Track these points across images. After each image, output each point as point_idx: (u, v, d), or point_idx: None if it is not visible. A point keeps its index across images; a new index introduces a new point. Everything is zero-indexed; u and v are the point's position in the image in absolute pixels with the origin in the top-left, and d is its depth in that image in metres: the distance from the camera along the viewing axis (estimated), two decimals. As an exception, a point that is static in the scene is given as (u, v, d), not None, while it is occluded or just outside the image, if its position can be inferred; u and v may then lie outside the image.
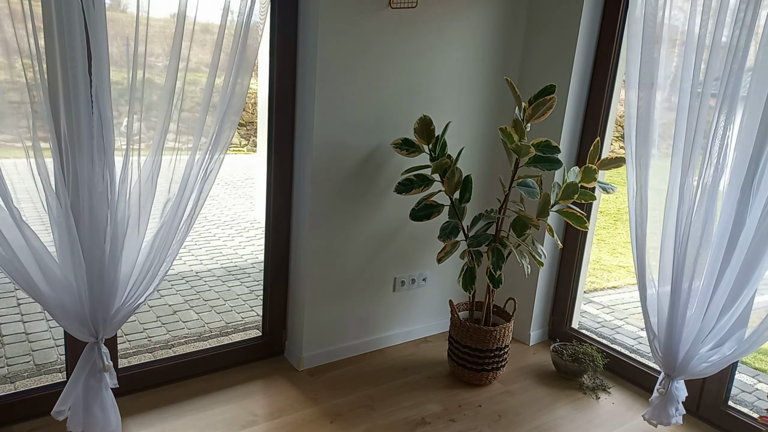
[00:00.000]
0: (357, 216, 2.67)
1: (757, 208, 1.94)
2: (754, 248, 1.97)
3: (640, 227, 2.15)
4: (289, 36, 2.43)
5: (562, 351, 2.84)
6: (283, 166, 2.57)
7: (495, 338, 2.62)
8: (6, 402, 2.14)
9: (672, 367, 2.15)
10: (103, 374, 1.89)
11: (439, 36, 2.65)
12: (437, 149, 2.55)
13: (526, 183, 2.50)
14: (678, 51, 2.06)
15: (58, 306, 1.82)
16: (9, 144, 1.68)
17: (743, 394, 3.18)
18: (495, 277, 2.51)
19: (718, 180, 1.95)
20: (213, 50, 1.85)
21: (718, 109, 1.91)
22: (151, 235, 1.92)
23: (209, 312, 3.61)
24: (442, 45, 2.68)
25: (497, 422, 2.42)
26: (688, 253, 2.03)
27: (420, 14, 2.56)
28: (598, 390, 2.72)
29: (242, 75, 1.91)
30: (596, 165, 2.50)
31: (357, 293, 2.80)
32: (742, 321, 2.14)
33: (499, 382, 2.74)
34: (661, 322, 2.16)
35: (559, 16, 2.78)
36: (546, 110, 2.43)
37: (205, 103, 1.89)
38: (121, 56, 1.75)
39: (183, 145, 1.90)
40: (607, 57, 2.77)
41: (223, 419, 2.28)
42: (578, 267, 3.04)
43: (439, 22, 2.63)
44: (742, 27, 1.84)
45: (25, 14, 1.56)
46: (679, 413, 2.19)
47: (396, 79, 2.60)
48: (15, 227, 1.68)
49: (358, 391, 2.56)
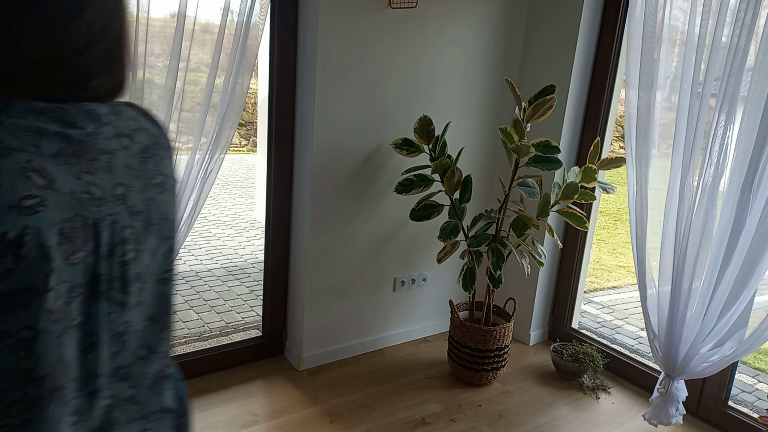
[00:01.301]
0: (357, 216, 2.67)
1: (757, 208, 1.94)
2: (754, 248, 1.97)
3: (640, 227, 2.15)
4: (289, 36, 2.44)
5: (562, 351, 2.84)
6: (283, 166, 2.58)
7: (495, 338, 2.62)
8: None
9: (672, 367, 2.15)
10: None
11: (439, 36, 2.65)
12: (437, 149, 2.55)
13: (526, 183, 2.50)
14: (678, 51, 2.06)
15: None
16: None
17: (743, 394, 3.18)
18: (495, 277, 2.51)
19: (718, 180, 1.95)
20: (213, 50, 1.86)
21: (718, 109, 1.91)
22: (151, 235, 1.92)
23: (209, 312, 3.61)
24: (442, 45, 2.68)
25: (497, 422, 2.42)
26: (688, 253, 2.03)
27: (420, 14, 2.56)
28: (598, 390, 2.72)
29: (242, 75, 1.92)
30: (596, 165, 2.50)
31: (357, 293, 2.80)
32: (742, 321, 2.14)
33: (499, 382, 2.74)
34: (661, 322, 2.16)
35: (559, 16, 2.78)
36: (546, 110, 2.43)
37: (205, 103, 1.89)
38: (121, 56, 1.75)
39: (183, 145, 1.90)
40: (607, 57, 2.77)
41: (223, 419, 2.28)
42: (578, 267, 3.04)
43: (439, 22, 2.63)
44: (742, 27, 1.84)
45: (25, 14, 1.56)
46: (679, 413, 2.19)
47: (396, 79, 2.60)
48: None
49: (358, 391, 2.56)
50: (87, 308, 0.61)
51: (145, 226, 0.67)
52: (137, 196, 0.66)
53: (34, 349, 0.55)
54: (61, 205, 0.56)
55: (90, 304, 0.62)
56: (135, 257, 0.66)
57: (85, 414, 0.63)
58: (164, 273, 0.72)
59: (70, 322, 0.59)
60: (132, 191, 0.65)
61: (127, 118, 0.67)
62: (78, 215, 0.58)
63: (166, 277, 0.72)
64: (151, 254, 0.69)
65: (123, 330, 0.66)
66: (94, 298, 0.62)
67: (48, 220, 0.54)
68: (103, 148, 0.62)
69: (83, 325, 0.61)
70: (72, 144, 0.59)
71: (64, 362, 0.59)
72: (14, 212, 0.52)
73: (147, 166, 0.67)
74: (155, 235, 0.69)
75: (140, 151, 0.67)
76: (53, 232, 0.55)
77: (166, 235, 0.70)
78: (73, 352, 0.60)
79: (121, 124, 0.65)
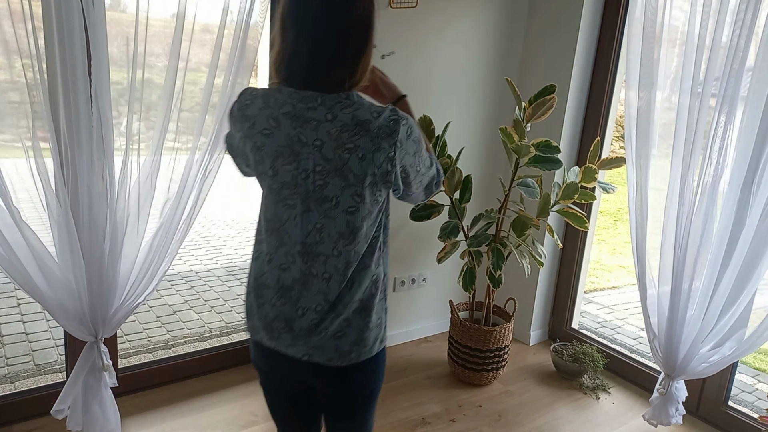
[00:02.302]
0: (357, 216, 2.67)
1: (757, 208, 1.94)
2: (754, 248, 1.96)
3: (640, 227, 2.15)
4: (289, 36, 2.43)
5: (562, 351, 2.84)
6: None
7: (495, 338, 2.62)
8: (6, 402, 2.14)
9: (672, 367, 2.15)
10: (102, 373, 1.89)
11: (439, 36, 2.65)
12: (437, 149, 2.55)
13: (526, 183, 2.50)
14: (678, 51, 2.06)
15: (58, 305, 1.82)
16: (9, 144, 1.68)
17: (743, 394, 3.18)
18: (495, 277, 2.51)
19: (718, 180, 1.95)
20: (213, 50, 1.85)
21: (718, 109, 1.91)
22: (151, 235, 1.92)
23: (209, 312, 3.61)
24: (442, 45, 2.67)
25: (497, 422, 2.42)
26: (688, 253, 2.02)
27: (420, 14, 2.56)
28: (598, 390, 2.71)
29: (242, 75, 1.91)
30: (596, 165, 2.50)
31: (357, 293, 2.79)
32: (742, 321, 2.14)
33: (499, 382, 2.73)
34: (661, 322, 2.16)
35: (559, 16, 2.78)
36: (546, 110, 2.43)
37: (205, 102, 1.89)
38: (121, 56, 1.75)
39: (182, 145, 1.90)
40: (607, 57, 2.77)
41: (223, 419, 2.28)
42: (578, 267, 3.04)
43: (439, 22, 2.63)
44: (742, 27, 1.83)
45: (25, 14, 1.56)
46: (679, 413, 2.19)
47: (396, 78, 2.58)
48: (15, 227, 1.68)
49: (358, 391, 2.55)
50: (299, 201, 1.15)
51: (333, 169, 1.11)
52: (330, 150, 1.10)
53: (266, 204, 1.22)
54: (281, 138, 1.12)
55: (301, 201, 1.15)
56: (323, 184, 1.12)
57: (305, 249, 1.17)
58: (350, 208, 1.14)
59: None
60: (326, 145, 1.10)
61: (335, 104, 1.10)
62: (288, 146, 1.12)
63: (351, 210, 1.14)
64: (339, 189, 1.12)
65: (320, 228, 1.15)
66: (303, 200, 1.14)
67: (273, 141, 1.13)
68: (313, 117, 1.11)
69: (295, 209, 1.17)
70: (296, 111, 1.11)
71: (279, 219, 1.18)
72: (260, 134, 1.14)
73: (343, 135, 1.09)
74: (340, 177, 1.11)
75: (340, 125, 1.09)
76: (274, 148, 1.13)
77: (350, 182, 1.11)
78: (293, 226, 1.17)
79: (331, 107, 1.10)
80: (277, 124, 1.12)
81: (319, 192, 1.13)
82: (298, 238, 1.16)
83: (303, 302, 1.18)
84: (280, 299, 1.19)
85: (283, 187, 1.15)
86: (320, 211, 1.14)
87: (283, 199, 1.16)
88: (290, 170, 1.13)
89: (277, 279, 1.20)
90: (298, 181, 1.13)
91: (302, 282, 1.17)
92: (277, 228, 1.18)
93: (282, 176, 1.14)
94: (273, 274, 1.20)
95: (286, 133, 1.11)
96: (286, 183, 1.14)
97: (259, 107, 1.14)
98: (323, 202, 1.13)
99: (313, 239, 1.15)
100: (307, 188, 1.13)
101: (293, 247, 1.17)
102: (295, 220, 1.16)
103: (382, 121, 1.09)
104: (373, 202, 1.15)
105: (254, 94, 1.16)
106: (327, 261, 1.16)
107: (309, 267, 1.17)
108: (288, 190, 1.15)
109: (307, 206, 1.14)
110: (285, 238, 1.17)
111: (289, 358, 1.23)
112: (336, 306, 1.17)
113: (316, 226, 1.15)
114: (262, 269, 1.22)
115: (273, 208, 1.18)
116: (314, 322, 1.17)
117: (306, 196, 1.14)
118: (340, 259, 1.16)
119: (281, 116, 1.12)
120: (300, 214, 1.15)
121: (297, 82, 1.12)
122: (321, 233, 1.15)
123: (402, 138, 1.10)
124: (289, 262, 1.18)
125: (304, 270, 1.17)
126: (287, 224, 1.17)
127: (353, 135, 1.09)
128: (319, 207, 1.14)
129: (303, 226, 1.15)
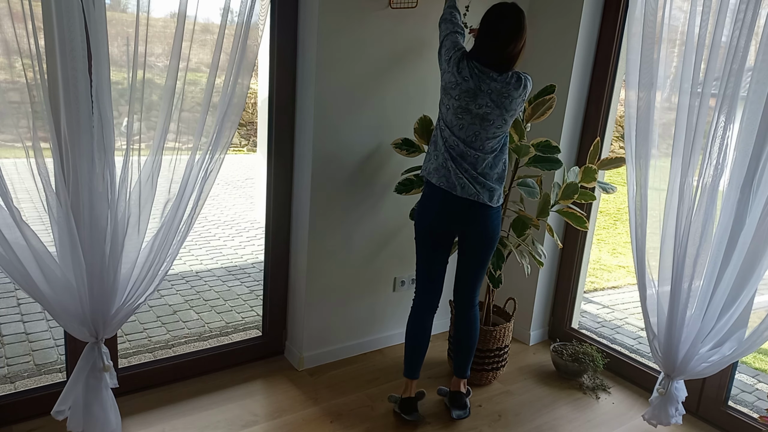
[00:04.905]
0: (357, 216, 2.67)
1: (757, 208, 1.94)
2: (754, 248, 1.97)
3: (640, 227, 2.15)
4: (289, 36, 2.44)
5: (562, 351, 2.84)
6: (283, 166, 2.58)
7: (495, 338, 2.62)
8: (6, 402, 2.14)
9: (672, 367, 2.15)
10: (103, 374, 1.89)
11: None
12: (437, 149, 2.54)
13: (526, 183, 2.50)
14: (678, 51, 2.06)
15: (58, 306, 1.82)
16: (9, 144, 1.67)
17: (743, 394, 3.18)
18: (495, 277, 2.51)
19: (718, 180, 1.95)
20: (213, 50, 1.85)
21: (718, 109, 1.91)
22: (151, 235, 1.92)
23: (209, 312, 3.61)
24: (442, 45, 2.67)
25: (497, 422, 2.42)
26: (688, 253, 2.03)
27: (420, 14, 2.56)
28: (598, 390, 2.72)
29: (242, 75, 1.91)
30: (596, 165, 2.50)
31: (357, 293, 2.80)
32: (742, 321, 2.14)
33: (499, 382, 2.74)
34: (661, 322, 2.16)
35: (559, 16, 2.78)
36: (546, 110, 2.43)
37: (206, 103, 1.89)
38: (121, 56, 1.75)
39: (183, 145, 1.90)
40: (607, 57, 2.77)
41: (223, 419, 2.28)
42: (578, 267, 3.04)
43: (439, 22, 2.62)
44: (742, 27, 1.84)
45: (25, 14, 1.56)
46: (679, 413, 2.19)
47: (396, 78, 2.60)
48: (15, 227, 1.68)
49: (358, 391, 2.56)
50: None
51: (498, 113, 2.09)
52: (497, 98, 2.07)
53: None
54: (467, 85, 2.07)
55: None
56: (491, 123, 2.09)
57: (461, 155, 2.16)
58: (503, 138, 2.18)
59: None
60: (494, 95, 2.07)
61: (501, 78, 2.07)
62: (471, 90, 2.07)
63: (504, 141, 2.19)
64: (497, 128, 2.11)
65: (483, 157, 2.15)
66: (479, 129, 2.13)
67: (464, 83, 2.07)
68: (489, 83, 2.06)
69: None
70: (482, 74, 2.07)
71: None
72: (461, 78, 2.09)
73: (503, 92, 2.06)
74: (502, 116, 2.10)
75: (501, 87, 2.06)
76: (463, 88, 2.08)
77: (505, 119, 2.12)
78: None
79: (498, 79, 2.06)
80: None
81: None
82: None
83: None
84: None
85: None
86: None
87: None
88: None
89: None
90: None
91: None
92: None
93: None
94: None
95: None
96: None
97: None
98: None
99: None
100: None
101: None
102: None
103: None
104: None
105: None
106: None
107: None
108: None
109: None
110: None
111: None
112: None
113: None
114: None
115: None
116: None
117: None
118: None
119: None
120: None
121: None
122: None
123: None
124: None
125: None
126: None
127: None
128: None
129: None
